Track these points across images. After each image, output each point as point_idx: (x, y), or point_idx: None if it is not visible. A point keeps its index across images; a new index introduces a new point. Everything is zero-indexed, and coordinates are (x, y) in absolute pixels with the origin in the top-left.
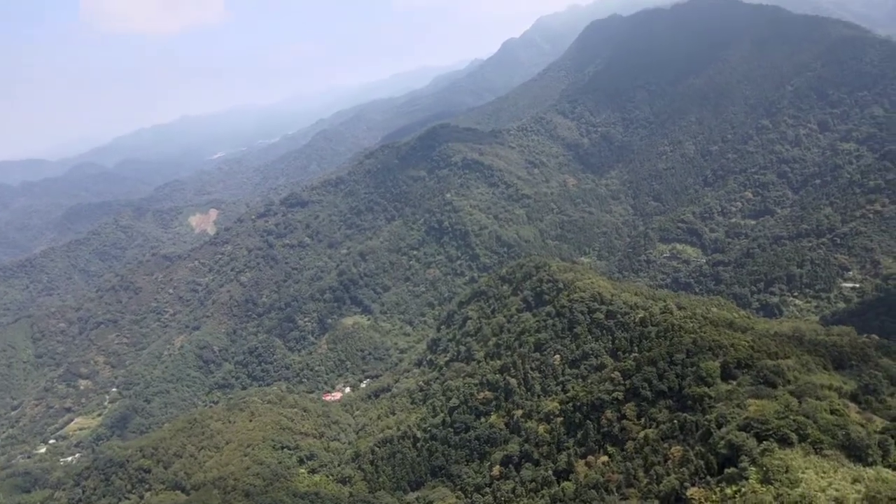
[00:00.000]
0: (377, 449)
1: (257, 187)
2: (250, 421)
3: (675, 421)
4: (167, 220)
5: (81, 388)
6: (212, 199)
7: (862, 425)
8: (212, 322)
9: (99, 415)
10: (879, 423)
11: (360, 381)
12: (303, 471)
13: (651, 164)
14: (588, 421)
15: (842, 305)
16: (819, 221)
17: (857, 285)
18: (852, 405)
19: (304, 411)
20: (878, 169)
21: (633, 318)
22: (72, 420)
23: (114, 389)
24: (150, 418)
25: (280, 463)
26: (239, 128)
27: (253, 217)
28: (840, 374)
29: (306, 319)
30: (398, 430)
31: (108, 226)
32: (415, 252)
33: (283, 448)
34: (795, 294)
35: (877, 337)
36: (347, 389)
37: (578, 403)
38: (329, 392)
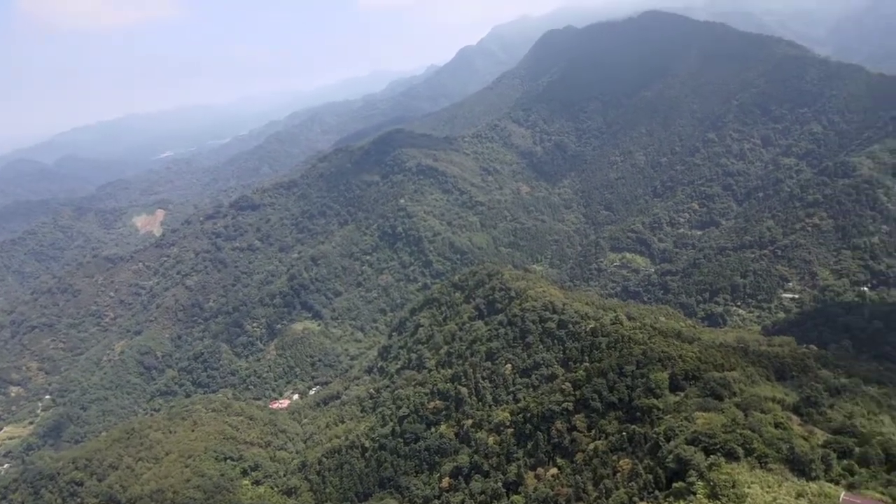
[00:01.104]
0: (325, 459)
1: (207, 188)
2: (192, 430)
3: (625, 433)
4: (110, 220)
5: (12, 395)
6: (159, 200)
7: (805, 438)
8: (155, 327)
9: (30, 423)
10: (821, 435)
11: (309, 389)
12: (246, 482)
13: (603, 173)
14: (538, 432)
15: (782, 316)
16: (761, 233)
17: (797, 296)
18: (795, 417)
19: (250, 419)
20: (817, 184)
21: (584, 328)
22: (0, 429)
23: (47, 397)
24: (86, 427)
25: (223, 475)
26: (189, 127)
27: (201, 219)
28: (782, 386)
29: (255, 324)
30: (347, 439)
31: (46, 225)
32: (367, 257)
33: (226, 459)
34: (739, 304)
35: (815, 348)
36: (296, 397)
37: (529, 414)
38: (277, 399)
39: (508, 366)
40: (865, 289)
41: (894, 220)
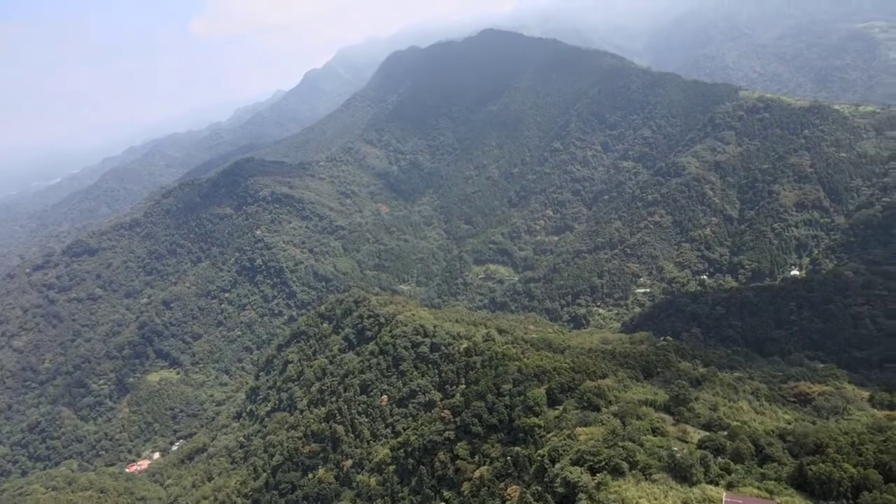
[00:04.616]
0: None
1: (33, 235)
2: None
3: (509, 457)
4: None
5: None
6: None
7: (681, 440)
8: None
9: None
10: (693, 433)
11: (172, 444)
12: None
13: (459, 188)
14: (421, 466)
15: (638, 311)
16: (611, 234)
17: (648, 290)
18: (667, 418)
19: (101, 493)
20: (654, 184)
21: (457, 349)
22: None
23: None
24: None
25: None
26: (7, 169)
27: (28, 270)
28: (651, 384)
29: (101, 382)
30: (216, 499)
31: None
32: (226, 294)
33: None
34: (599, 304)
35: (671, 339)
36: (156, 455)
37: (410, 448)
38: (134, 462)
39: (384, 397)
40: (705, 277)
41: (721, 212)
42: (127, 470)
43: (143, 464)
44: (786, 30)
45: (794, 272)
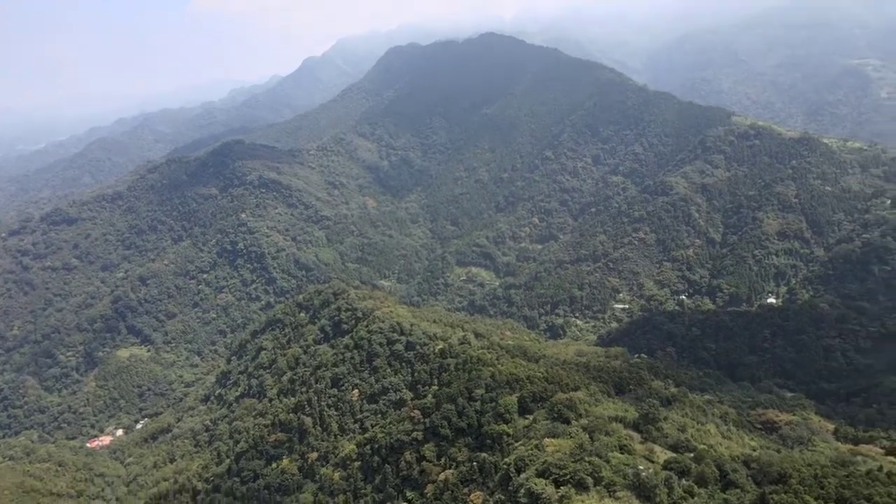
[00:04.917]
0: None
1: (12, 200)
2: None
3: (475, 462)
4: None
5: None
6: None
7: (648, 459)
8: None
9: None
10: (660, 453)
11: (136, 422)
12: None
13: (448, 188)
14: (386, 464)
15: (615, 325)
16: (595, 247)
17: (627, 306)
18: (636, 435)
19: (60, 465)
20: (641, 201)
21: (432, 350)
22: None
23: None
24: None
25: None
26: None
27: (3, 234)
28: (622, 401)
29: (70, 353)
30: (176, 482)
31: None
32: (205, 275)
33: None
34: (577, 315)
35: (645, 357)
36: (119, 432)
37: (377, 445)
38: (96, 437)
39: (355, 391)
40: (684, 297)
41: (704, 234)
42: (88, 445)
43: (105, 440)
44: (783, 60)
45: (771, 300)
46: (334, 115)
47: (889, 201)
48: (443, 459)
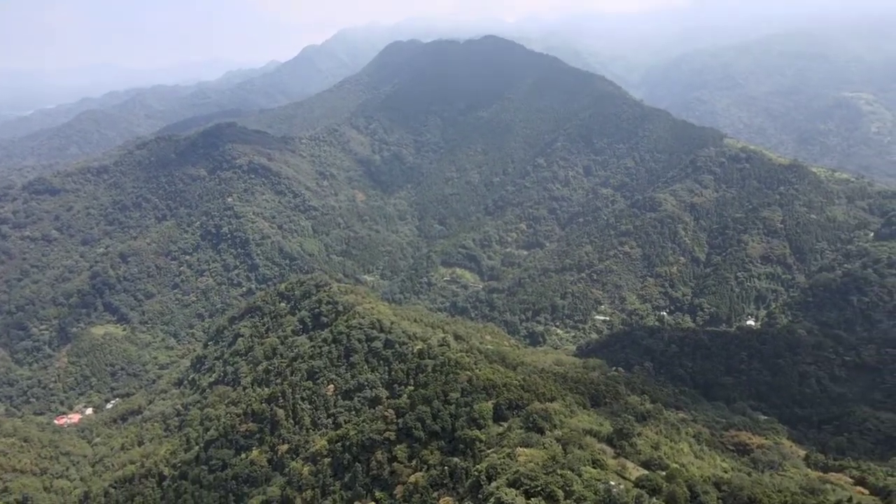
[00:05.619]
0: (112, 490)
1: None
2: None
3: (446, 467)
4: None
5: None
6: None
7: (620, 474)
8: None
9: None
10: (633, 469)
11: (107, 402)
12: None
13: (438, 188)
14: (357, 463)
15: (595, 336)
16: (580, 257)
17: (608, 318)
18: (609, 450)
19: (24, 441)
20: (629, 215)
21: (411, 349)
22: None
23: None
24: None
25: None
26: None
27: None
28: (597, 413)
29: (43, 327)
30: (143, 466)
31: None
32: (187, 257)
33: None
34: (557, 324)
35: (623, 370)
36: (89, 411)
37: (348, 443)
38: (65, 414)
39: (331, 386)
40: (665, 313)
41: (689, 253)
42: (56, 422)
43: (74, 417)
44: (778, 87)
45: (750, 322)
46: (329, 106)
47: (872, 234)
48: (414, 461)
